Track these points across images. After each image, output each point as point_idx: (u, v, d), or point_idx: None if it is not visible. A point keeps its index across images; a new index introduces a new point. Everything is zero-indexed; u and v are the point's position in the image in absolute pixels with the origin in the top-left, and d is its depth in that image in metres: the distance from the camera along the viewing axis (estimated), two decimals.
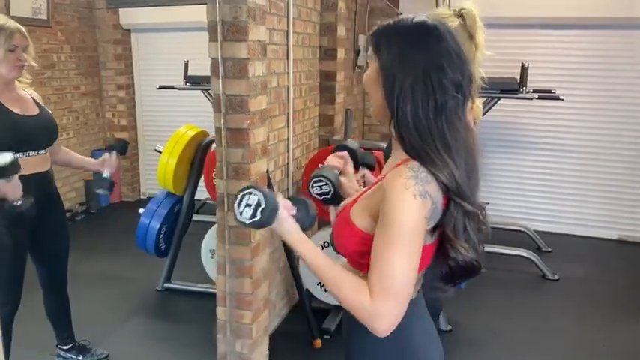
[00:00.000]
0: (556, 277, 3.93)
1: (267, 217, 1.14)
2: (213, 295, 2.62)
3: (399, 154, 1.14)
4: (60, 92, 5.21)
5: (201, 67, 4.60)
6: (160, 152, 3.37)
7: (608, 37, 4.49)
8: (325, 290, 3.17)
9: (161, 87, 4.72)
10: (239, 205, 1.15)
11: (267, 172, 2.63)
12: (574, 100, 4.42)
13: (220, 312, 2.57)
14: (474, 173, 1.11)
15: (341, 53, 3.68)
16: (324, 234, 3.08)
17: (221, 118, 2.34)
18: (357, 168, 1.52)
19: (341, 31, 3.63)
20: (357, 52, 4.57)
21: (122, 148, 2.61)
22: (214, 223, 4.41)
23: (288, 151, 3.14)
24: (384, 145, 3.11)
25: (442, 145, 1.06)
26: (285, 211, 1.18)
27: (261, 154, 2.51)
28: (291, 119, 3.11)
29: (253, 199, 1.14)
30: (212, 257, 3.27)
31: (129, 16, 5.46)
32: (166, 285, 3.63)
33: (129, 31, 5.63)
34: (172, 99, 5.31)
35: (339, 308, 3.25)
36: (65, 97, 5.28)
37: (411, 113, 1.07)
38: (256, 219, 1.14)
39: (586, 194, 4.75)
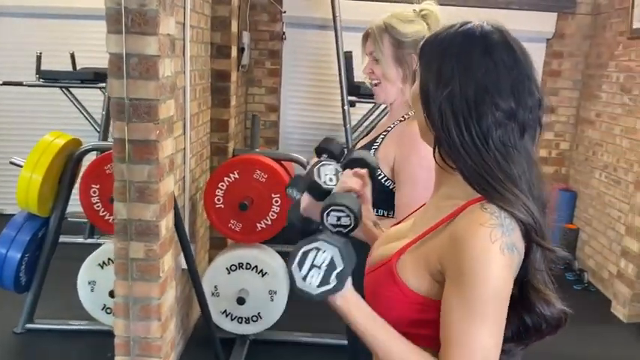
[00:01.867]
0: None
1: (343, 281, 0.82)
2: (91, 334, 2.14)
3: (453, 188, 0.91)
4: None
5: (59, 61, 3.96)
6: (19, 165, 2.73)
7: None
8: (232, 319, 2.83)
9: (5, 83, 3.92)
10: (301, 266, 0.81)
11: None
12: None
13: None
14: (545, 208, 0.89)
15: (234, 51, 3.34)
16: (243, 253, 2.74)
17: (124, 127, 1.89)
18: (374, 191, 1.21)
19: (234, 27, 3.29)
20: (242, 50, 4.24)
21: None
22: (81, 244, 3.89)
23: (185, 163, 2.73)
24: (298, 156, 2.85)
25: (505, 176, 0.85)
26: None
27: (169, 170, 2.11)
28: (189, 125, 2.70)
29: (324, 257, 0.81)
30: (92, 290, 2.75)
31: None
32: (28, 326, 2.97)
33: None
34: (22, 98, 4.45)
35: (243, 338, 2.92)
36: None
37: (457, 137, 0.85)
38: (329, 287, 0.81)
39: None
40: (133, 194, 1.97)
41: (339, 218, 0.98)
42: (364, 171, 1.16)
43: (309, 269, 0.81)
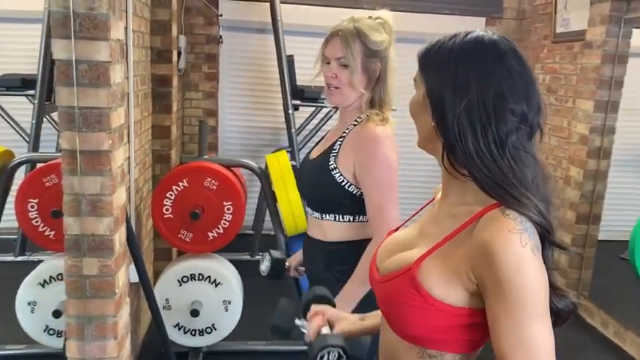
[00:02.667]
0: None
1: None
2: (32, 358, 2.01)
3: (464, 194, 0.93)
4: None
5: None
6: None
7: None
8: (185, 332, 2.74)
9: None
10: None
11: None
12: None
13: None
14: (550, 206, 0.92)
15: (175, 56, 3.24)
16: (195, 264, 2.65)
17: (75, 137, 1.78)
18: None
19: (174, 30, 3.19)
20: (179, 54, 4.12)
21: None
22: (11, 262, 3.62)
23: (130, 172, 2.61)
24: (249, 161, 2.81)
25: (518, 181, 0.87)
26: None
27: (121, 181, 2.01)
28: (133, 133, 2.59)
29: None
30: (32, 312, 2.57)
31: None
32: None
33: None
34: None
35: (196, 350, 2.85)
36: None
37: (473, 146, 0.87)
38: None
39: None
40: (84, 208, 1.86)
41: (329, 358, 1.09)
42: (319, 307, 1.25)
43: None
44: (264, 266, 1.88)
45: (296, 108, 3.72)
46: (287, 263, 1.91)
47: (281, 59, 3.57)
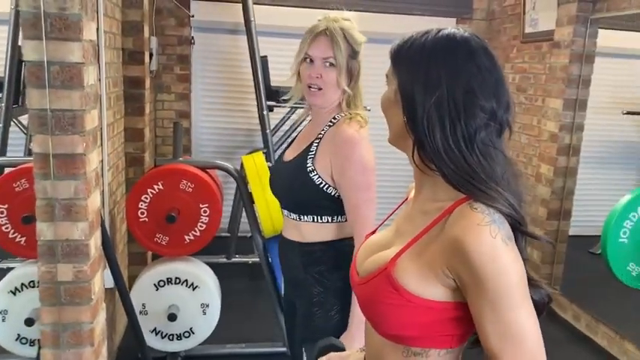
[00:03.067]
0: None
1: None
2: None
3: (436, 190, 0.93)
4: None
5: None
6: None
7: None
8: (162, 337, 2.70)
9: None
10: None
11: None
12: None
13: None
14: (522, 202, 0.93)
15: (147, 57, 3.20)
16: (172, 267, 2.62)
17: (48, 140, 1.74)
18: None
19: (146, 31, 3.15)
20: (150, 55, 4.06)
21: None
22: None
23: (103, 175, 2.56)
24: (225, 163, 2.79)
25: (487, 176, 0.88)
26: None
27: (95, 185, 1.97)
28: (105, 136, 2.55)
29: None
30: (3, 320, 2.50)
31: None
32: None
33: None
34: None
35: (174, 355, 2.81)
36: None
37: (441, 141, 0.88)
38: None
39: None
40: (58, 213, 1.82)
41: None
42: (335, 354, 1.20)
43: None
44: None
45: (270, 109, 3.70)
46: None
47: (255, 60, 3.55)
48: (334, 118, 1.66)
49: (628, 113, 4.18)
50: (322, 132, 1.66)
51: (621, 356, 3.17)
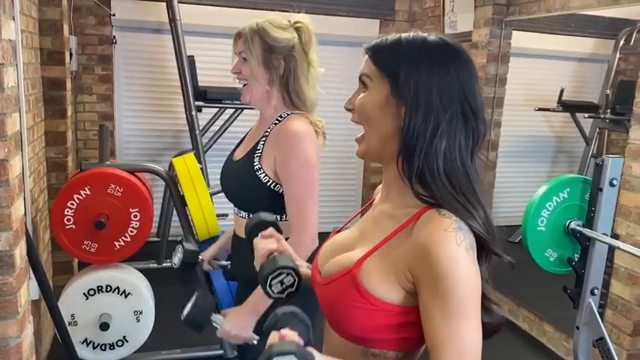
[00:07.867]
0: None
1: None
2: None
3: (405, 195, 0.94)
4: None
5: None
6: None
7: None
8: (94, 347, 2.61)
9: None
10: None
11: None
12: None
13: None
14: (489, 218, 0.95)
15: (67, 57, 3.06)
16: (101, 275, 2.52)
17: None
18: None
19: (66, 31, 3.02)
20: (70, 56, 3.88)
21: None
22: None
23: (24, 182, 2.43)
24: (155, 166, 2.72)
25: (470, 193, 0.91)
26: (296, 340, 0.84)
27: (19, 192, 1.87)
28: (25, 140, 2.42)
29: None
30: None
31: None
32: None
33: None
34: None
35: None
36: None
37: (443, 154, 0.89)
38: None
39: None
40: None
41: (282, 282, 1.01)
42: (270, 230, 1.15)
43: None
44: (177, 259, 1.82)
45: (199, 109, 3.65)
46: (200, 256, 1.87)
47: (181, 60, 3.48)
48: (280, 117, 1.68)
49: (540, 109, 4.46)
50: (268, 130, 1.67)
51: (541, 337, 3.40)
